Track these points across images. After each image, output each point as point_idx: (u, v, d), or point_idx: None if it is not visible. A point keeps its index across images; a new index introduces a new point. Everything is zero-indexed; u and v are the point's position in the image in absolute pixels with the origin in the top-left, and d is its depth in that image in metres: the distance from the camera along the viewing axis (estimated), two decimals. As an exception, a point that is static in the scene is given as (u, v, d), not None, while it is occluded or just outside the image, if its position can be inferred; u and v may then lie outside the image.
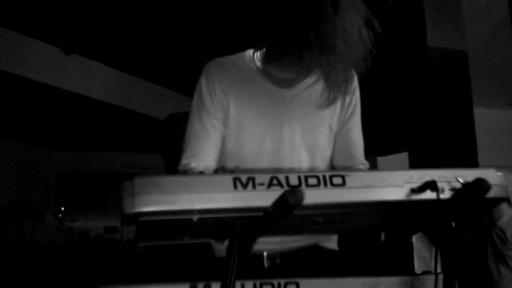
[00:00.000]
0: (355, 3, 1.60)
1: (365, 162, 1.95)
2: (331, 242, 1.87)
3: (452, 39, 3.08)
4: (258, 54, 1.82)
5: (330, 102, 1.76)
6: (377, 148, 3.17)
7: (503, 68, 5.82)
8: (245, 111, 1.76)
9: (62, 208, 7.90)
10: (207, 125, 1.75)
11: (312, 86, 1.79)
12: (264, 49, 1.78)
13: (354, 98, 1.87)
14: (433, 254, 1.19)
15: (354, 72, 1.78)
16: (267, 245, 1.68)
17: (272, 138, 1.77)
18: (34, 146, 8.53)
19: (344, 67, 1.66)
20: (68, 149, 8.91)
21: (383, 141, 3.12)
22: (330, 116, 1.82)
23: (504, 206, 4.01)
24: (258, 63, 1.81)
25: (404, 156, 3.21)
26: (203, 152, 1.74)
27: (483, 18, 4.88)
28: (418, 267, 3.12)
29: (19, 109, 6.78)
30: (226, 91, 1.76)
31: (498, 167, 1.26)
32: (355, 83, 1.87)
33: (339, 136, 1.90)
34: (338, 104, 1.82)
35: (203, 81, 1.78)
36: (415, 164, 3.09)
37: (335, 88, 1.72)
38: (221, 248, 1.09)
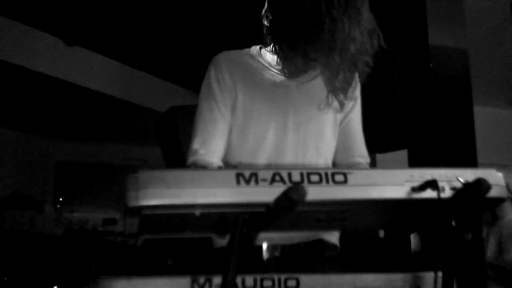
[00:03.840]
0: (364, 6, 1.63)
1: (365, 155, 1.97)
2: (332, 236, 1.88)
3: (453, 38, 3.08)
4: (264, 49, 1.88)
5: (333, 104, 1.79)
6: (377, 145, 3.17)
7: (503, 67, 5.83)
8: (252, 99, 1.81)
9: (61, 199, 7.91)
10: (215, 113, 1.80)
11: (318, 77, 1.82)
12: (271, 44, 1.80)
13: (356, 91, 1.91)
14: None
15: (358, 79, 1.80)
16: (268, 238, 1.69)
17: (277, 125, 1.80)
18: (33, 137, 8.53)
19: (350, 69, 1.68)
20: (67, 140, 8.91)
21: (382, 138, 3.12)
22: (335, 106, 1.84)
23: (507, 206, 4.04)
24: (265, 57, 1.87)
25: (403, 154, 3.21)
26: (211, 140, 1.78)
27: (485, 17, 4.88)
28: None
29: (19, 99, 6.78)
30: (234, 80, 1.81)
31: (497, 166, 1.27)
32: (358, 89, 1.90)
33: (340, 128, 1.92)
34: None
35: (212, 71, 1.83)
36: (414, 161, 3.10)
37: (338, 91, 1.74)
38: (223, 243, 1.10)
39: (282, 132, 1.81)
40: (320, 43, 1.59)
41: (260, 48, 1.89)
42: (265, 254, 1.69)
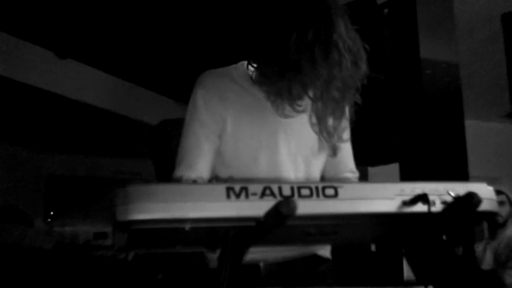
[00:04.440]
0: (347, 45, 1.54)
1: (355, 170, 1.96)
2: (325, 250, 1.88)
3: (445, 52, 3.10)
4: (251, 67, 1.79)
5: (322, 150, 1.78)
6: (368, 158, 3.18)
7: (494, 80, 5.86)
8: (241, 121, 1.76)
9: (52, 213, 7.86)
10: (200, 138, 1.74)
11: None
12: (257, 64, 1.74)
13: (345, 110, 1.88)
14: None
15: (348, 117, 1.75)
16: (263, 253, 1.68)
17: (268, 147, 1.77)
18: (24, 150, 8.48)
19: (338, 107, 1.62)
20: (59, 154, 8.87)
21: (374, 151, 3.13)
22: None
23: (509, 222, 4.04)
24: (252, 75, 1.77)
25: (395, 167, 3.22)
26: (196, 165, 1.73)
27: (475, 29, 4.92)
28: (407, 278, 3.13)
29: (10, 112, 6.75)
30: (223, 102, 1.75)
31: (488, 178, 1.27)
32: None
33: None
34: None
35: (198, 92, 1.77)
36: (406, 175, 3.10)
37: (325, 136, 1.68)
38: (214, 258, 1.09)
39: (274, 152, 1.78)
40: (303, 88, 1.53)
41: (247, 65, 1.79)
42: (262, 271, 1.68)
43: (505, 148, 7.17)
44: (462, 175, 2.93)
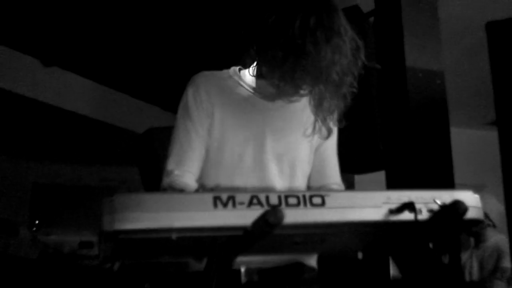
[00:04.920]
0: (346, 28, 1.63)
1: (340, 182, 1.97)
2: (310, 259, 1.87)
3: (430, 60, 3.12)
4: (244, 71, 1.87)
5: (316, 132, 1.79)
6: (355, 166, 3.19)
7: (479, 88, 5.90)
8: (229, 119, 1.80)
9: (37, 222, 7.78)
10: (191, 134, 1.79)
11: (297, 100, 1.81)
12: (253, 66, 1.81)
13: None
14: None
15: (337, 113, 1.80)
16: (246, 262, 1.67)
17: (255, 146, 1.80)
18: (9, 158, 8.41)
19: (336, 94, 1.68)
20: (44, 162, 8.80)
21: (360, 159, 3.14)
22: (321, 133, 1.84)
23: (489, 230, 4.09)
24: (244, 78, 1.86)
25: (381, 174, 3.22)
26: (186, 160, 1.77)
27: (460, 37, 4.96)
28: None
29: (-5, 120, 6.70)
30: (212, 101, 1.80)
31: (474, 186, 1.28)
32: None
33: (315, 155, 1.92)
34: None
35: (189, 91, 1.83)
36: (392, 182, 3.11)
37: (326, 118, 1.75)
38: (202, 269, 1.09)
39: (259, 154, 1.80)
40: (306, 72, 1.59)
41: (240, 70, 1.88)
42: (243, 278, 1.67)
43: (489, 156, 7.20)
44: (448, 183, 2.94)
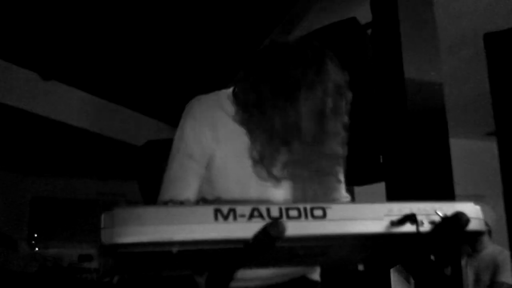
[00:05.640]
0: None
1: (346, 195, 1.95)
2: (314, 273, 1.85)
3: (429, 71, 3.12)
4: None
5: None
6: (354, 178, 3.18)
7: (478, 99, 5.90)
8: (232, 153, 1.69)
9: (36, 235, 7.75)
10: (188, 170, 1.69)
11: None
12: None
13: None
14: (412, 286, 1.19)
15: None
16: (256, 281, 1.64)
17: (259, 180, 1.70)
18: (8, 172, 8.40)
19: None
20: (42, 176, 8.79)
21: (360, 171, 3.13)
22: None
23: (485, 239, 4.10)
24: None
25: (381, 186, 3.22)
26: (180, 198, 1.65)
27: (459, 49, 4.97)
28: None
29: (-7, 134, 6.69)
30: (213, 133, 1.68)
31: (474, 196, 1.27)
32: None
33: None
34: None
35: (187, 123, 1.71)
36: (392, 194, 3.10)
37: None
38: (202, 282, 1.08)
39: (264, 186, 1.70)
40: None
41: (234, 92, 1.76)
42: None
43: (489, 166, 7.19)
44: (448, 194, 2.93)
